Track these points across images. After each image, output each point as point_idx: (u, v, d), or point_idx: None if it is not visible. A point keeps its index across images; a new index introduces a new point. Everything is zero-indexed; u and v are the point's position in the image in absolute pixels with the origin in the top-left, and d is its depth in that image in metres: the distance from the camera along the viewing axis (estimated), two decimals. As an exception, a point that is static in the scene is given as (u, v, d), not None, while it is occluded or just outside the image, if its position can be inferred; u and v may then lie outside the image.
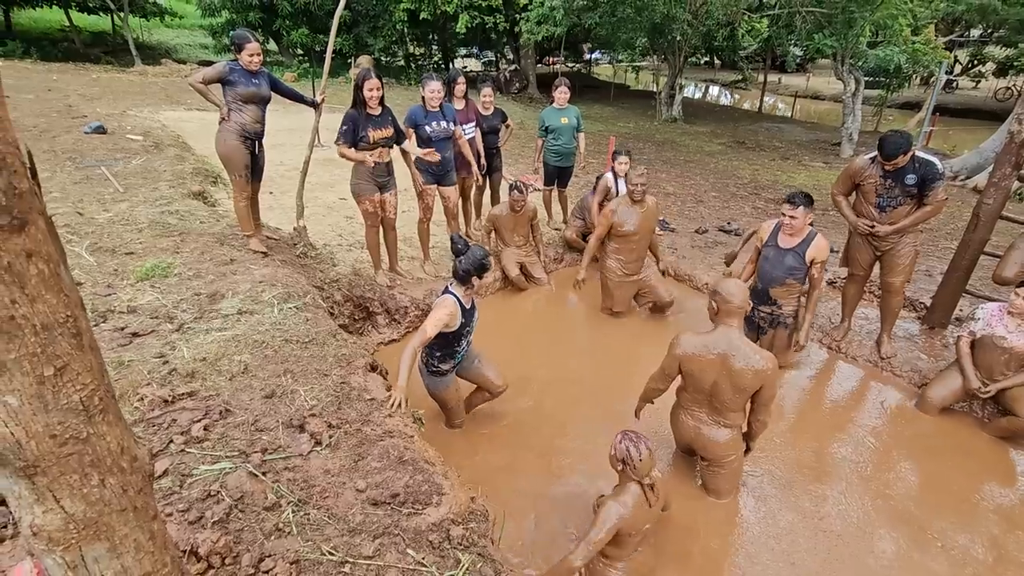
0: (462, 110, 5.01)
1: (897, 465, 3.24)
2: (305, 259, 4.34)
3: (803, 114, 18.29)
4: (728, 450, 2.73)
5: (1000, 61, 19.20)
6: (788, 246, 3.62)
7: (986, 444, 3.42)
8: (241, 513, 1.90)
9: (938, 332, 4.31)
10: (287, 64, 17.15)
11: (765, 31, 11.53)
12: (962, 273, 4.10)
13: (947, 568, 2.59)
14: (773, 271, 3.70)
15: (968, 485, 3.10)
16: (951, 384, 3.55)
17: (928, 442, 3.42)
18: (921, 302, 4.62)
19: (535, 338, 4.39)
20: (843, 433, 3.50)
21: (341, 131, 3.86)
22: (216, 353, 2.73)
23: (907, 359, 4.04)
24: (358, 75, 3.84)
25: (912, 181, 3.46)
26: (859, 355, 4.22)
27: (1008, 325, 3.33)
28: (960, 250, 4.09)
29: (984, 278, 4.48)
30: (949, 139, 13.36)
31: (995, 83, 19.38)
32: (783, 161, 10.58)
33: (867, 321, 4.48)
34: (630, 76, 25.30)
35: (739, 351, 2.52)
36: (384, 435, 2.43)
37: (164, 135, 7.31)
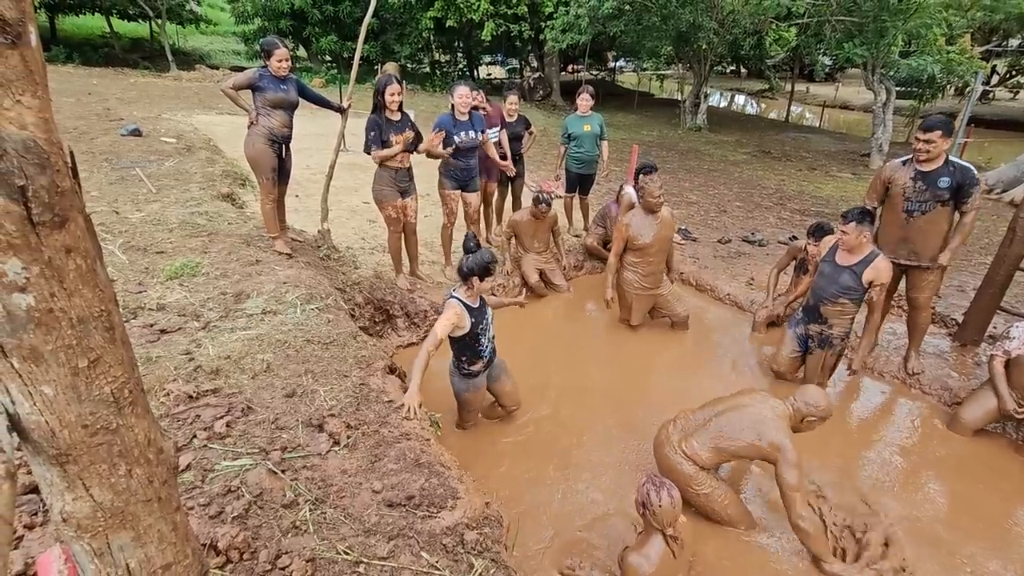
0: (488, 115, 5.05)
1: (926, 486, 3.14)
2: (328, 261, 4.41)
3: (831, 124, 17.97)
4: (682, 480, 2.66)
5: (1040, 72, 18.60)
6: (846, 263, 3.45)
7: (1020, 467, 3.29)
8: (260, 509, 1.94)
9: (970, 350, 4.18)
10: (316, 70, 17.52)
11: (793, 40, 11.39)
12: (996, 289, 3.96)
13: (977, 595, 2.50)
14: (828, 287, 3.54)
15: (1001, 509, 2.98)
16: (985, 404, 3.43)
17: (959, 463, 3.31)
18: (952, 318, 4.48)
19: (554, 346, 4.38)
20: (869, 450, 3.40)
21: (369, 138, 3.91)
22: (240, 351, 2.78)
23: (937, 376, 3.92)
24: (378, 80, 3.91)
25: (946, 184, 3.34)
26: (886, 371, 4.10)
27: (1045, 344, 3.21)
28: (995, 265, 3.95)
29: (1020, 295, 4.33)
30: (984, 151, 12.97)
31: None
32: (810, 171, 10.39)
33: (895, 336, 4.36)
34: (655, 84, 25.20)
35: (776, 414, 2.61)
36: (401, 437, 2.44)
37: (196, 138, 7.52)
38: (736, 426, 2.60)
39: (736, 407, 2.67)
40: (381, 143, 3.93)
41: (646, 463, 3.20)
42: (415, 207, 4.33)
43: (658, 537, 2.17)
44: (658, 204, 4.14)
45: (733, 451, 2.59)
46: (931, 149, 3.32)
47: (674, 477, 2.69)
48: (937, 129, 3.28)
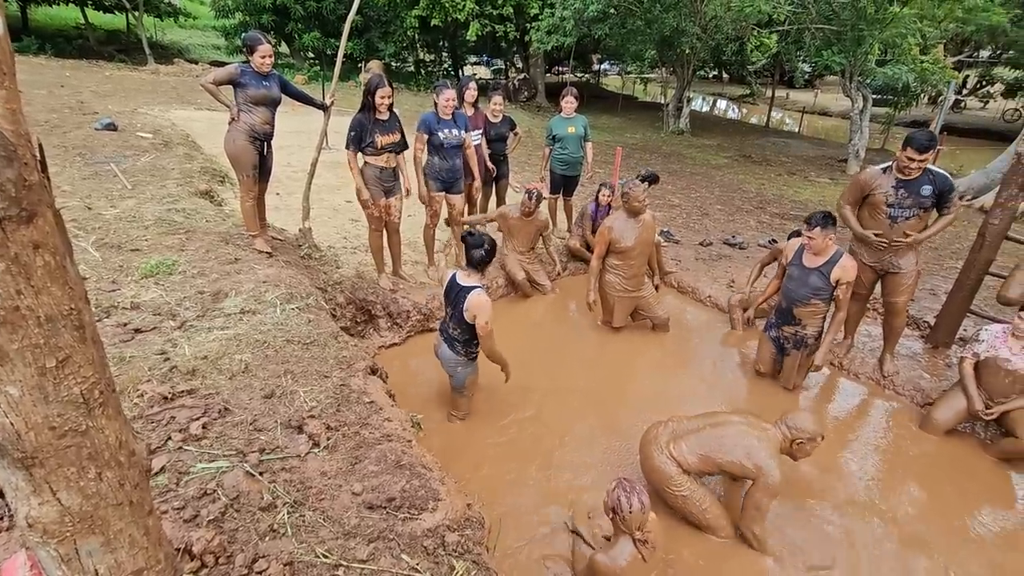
0: (471, 117, 5.04)
1: (900, 485, 3.21)
2: (309, 260, 4.36)
3: (810, 130, 18.31)
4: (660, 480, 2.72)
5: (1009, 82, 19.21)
6: (813, 265, 3.58)
7: (989, 466, 3.39)
8: (236, 512, 1.90)
9: (941, 352, 4.29)
10: (298, 67, 17.31)
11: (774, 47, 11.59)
12: (967, 293, 4.08)
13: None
14: (798, 290, 3.65)
15: (970, 507, 3.07)
16: (956, 405, 3.52)
17: (930, 462, 3.39)
18: (925, 321, 4.59)
19: (537, 347, 4.38)
20: (845, 450, 3.47)
21: (350, 136, 3.92)
22: (217, 351, 2.73)
23: (909, 378, 4.01)
24: (370, 81, 3.87)
25: (928, 192, 3.44)
26: (861, 372, 4.19)
27: (1012, 348, 3.31)
28: (965, 270, 4.07)
29: (989, 298, 4.45)
30: (956, 158, 13.34)
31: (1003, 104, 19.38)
32: (789, 176, 10.58)
33: (870, 339, 4.46)
34: (638, 87, 25.42)
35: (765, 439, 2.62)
36: (382, 438, 2.42)
37: (173, 134, 7.37)
38: (728, 441, 2.62)
39: (731, 423, 2.70)
40: (361, 143, 3.92)
41: (628, 463, 3.22)
42: (399, 207, 4.30)
43: (627, 539, 2.18)
44: (642, 208, 4.18)
45: (720, 463, 2.62)
46: (921, 166, 3.42)
47: (655, 476, 2.72)
48: (933, 150, 3.36)
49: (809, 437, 2.62)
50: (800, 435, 2.61)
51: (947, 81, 11.08)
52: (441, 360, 3.29)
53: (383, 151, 4.00)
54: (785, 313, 3.77)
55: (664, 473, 2.68)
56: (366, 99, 3.87)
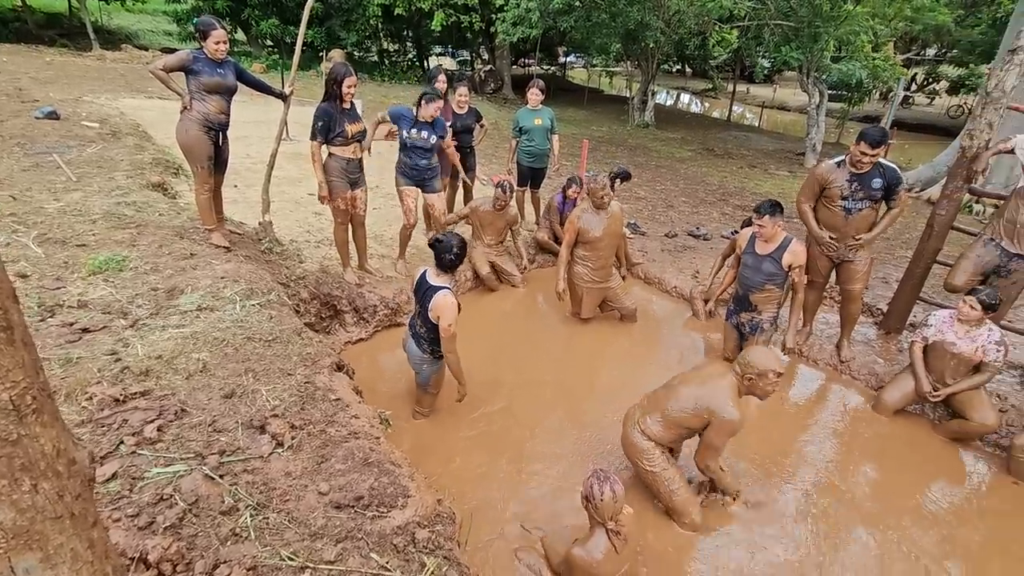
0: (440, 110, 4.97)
1: (856, 465, 3.34)
2: (270, 255, 4.22)
3: (770, 124, 18.82)
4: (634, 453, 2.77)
5: (953, 80, 20.17)
6: (765, 252, 3.70)
7: (938, 445, 3.56)
8: (195, 518, 1.82)
9: (894, 337, 4.48)
10: (256, 55, 16.71)
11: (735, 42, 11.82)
12: (916, 281, 4.26)
13: (904, 564, 2.68)
14: (753, 277, 3.77)
15: (922, 485, 3.22)
16: (904, 387, 3.69)
17: (884, 443, 3.54)
18: (878, 308, 4.78)
19: (506, 340, 4.37)
20: (805, 434, 3.59)
21: (317, 127, 3.77)
22: (173, 351, 2.61)
23: (865, 363, 4.18)
24: (335, 70, 3.75)
25: (879, 185, 3.58)
26: (820, 359, 4.34)
27: (957, 331, 3.47)
28: (915, 259, 4.25)
29: (936, 286, 4.67)
30: (905, 152, 13.94)
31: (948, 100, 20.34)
32: (750, 169, 10.84)
33: (827, 326, 4.61)
34: (604, 81, 25.59)
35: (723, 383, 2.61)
36: (349, 436, 2.36)
37: (122, 123, 7.00)
38: (684, 395, 2.65)
39: (687, 380, 2.72)
40: (330, 133, 3.81)
41: (598, 453, 3.25)
42: (364, 199, 4.21)
43: (602, 531, 2.19)
44: (603, 202, 4.20)
45: (679, 419, 2.63)
46: (873, 160, 3.54)
47: (630, 451, 2.78)
48: (885, 144, 3.50)
49: (759, 372, 2.51)
50: (749, 371, 2.54)
51: (897, 78, 11.54)
52: (408, 355, 3.25)
53: (352, 140, 3.91)
54: (742, 300, 3.88)
55: (637, 447, 2.73)
56: (332, 88, 3.75)
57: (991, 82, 3.75)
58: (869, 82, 12.06)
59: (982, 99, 3.80)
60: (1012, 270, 3.63)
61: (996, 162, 7.01)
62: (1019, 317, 4.76)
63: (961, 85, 19.47)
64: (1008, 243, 3.61)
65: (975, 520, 3.00)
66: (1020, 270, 3.61)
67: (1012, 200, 3.61)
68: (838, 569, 2.63)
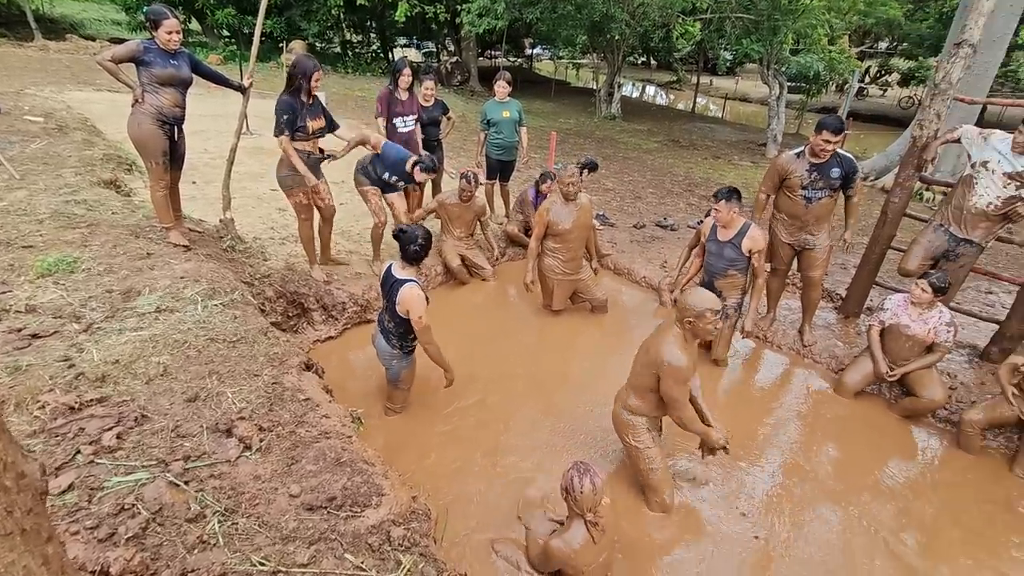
0: (405, 101, 4.90)
1: (818, 445, 3.47)
2: (233, 253, 4.09)
3: (732, 115, 19.20)
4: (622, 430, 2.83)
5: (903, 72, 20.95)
6: (726, 239, 3.79)
7: (894, 423, 3.72)
8: (160, 527, 1.76)
9: (852, 321, 4.65)
10: (212, 46, 16.10)
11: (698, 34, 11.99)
12: (872, 266, 4.43)
13: (864, 538, 2.80)
14: (716, 264, 3.86)
15: (879, 462, 3.36)
16: (863, 369, 3.84)
17: (844, 423, 3.69)
18: (838, 293, 4.96)
19: (478, 334, 4.36)
20: (771, 417, 3.70)
21: (283, 121, 3.64)
22: (131, 355, 2.51)
23: (826, 346, 4.33)
24: (302, 64, 3.64)
25: (837, 174, 3.71)
26: (783, 344, 4.48)
27: (911, 314, 3.63)
28: (870, 245, 4.42)
29: (891, 271, 4.86)
30: (861, 142, 14.44)
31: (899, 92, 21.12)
32: (715, 160, 11.06)
33: (790, 312, 4.76)
34: (571, 73, 25.64)
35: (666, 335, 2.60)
36: (320, 436, 2.33)
37: (69, 117, 6.66)
38: (639, 358, 2.72)
39: (642, 345, 2.77)
40: (294, 128, 3.70)
41: (573, 444, 3.28)
42: (327, 190, 4.13)
43: (581, 522, 2.21)
44: (573, 192, 4.22)
45: (641, 382, 2.68)
46: (835, 148, 3.66)
47: (618, 427, 2.85)
48: (844, 132, 3.62)
49: (697, 314, 2.50)
50: (688, 314, 2.52)
51: (852, 70, 11.92)
52: (377, 351, 3.21)
53: (313, 136, 3.82)
54: (707, 287, 3.96)
55: (622, 422, 2.81)
56: (298, 82, 3.63)
57: (939, 74, 3.91)
58: (826, 74, 12.42)
59: (931, 91, 3.96)
60: (959, 254, 3.81)
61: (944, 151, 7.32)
62: (966, 299, 5.01)
63: (911, 77, 20.24)
64: (956, 228, 3.78)
65: (929, 492, 3.16)
66: (967, 254, 3.79)
67: (959, 188, 3.78)
68: (802, 545, 2.74)
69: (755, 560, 2.64)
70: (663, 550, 2.66)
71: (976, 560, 2.75)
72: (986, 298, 5.23)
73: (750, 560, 2.64)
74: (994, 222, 3.64)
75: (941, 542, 2.83)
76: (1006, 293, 5.11)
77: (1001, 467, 3.37)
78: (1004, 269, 5.33)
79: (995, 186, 3.54)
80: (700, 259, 4.06)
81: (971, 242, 3.74)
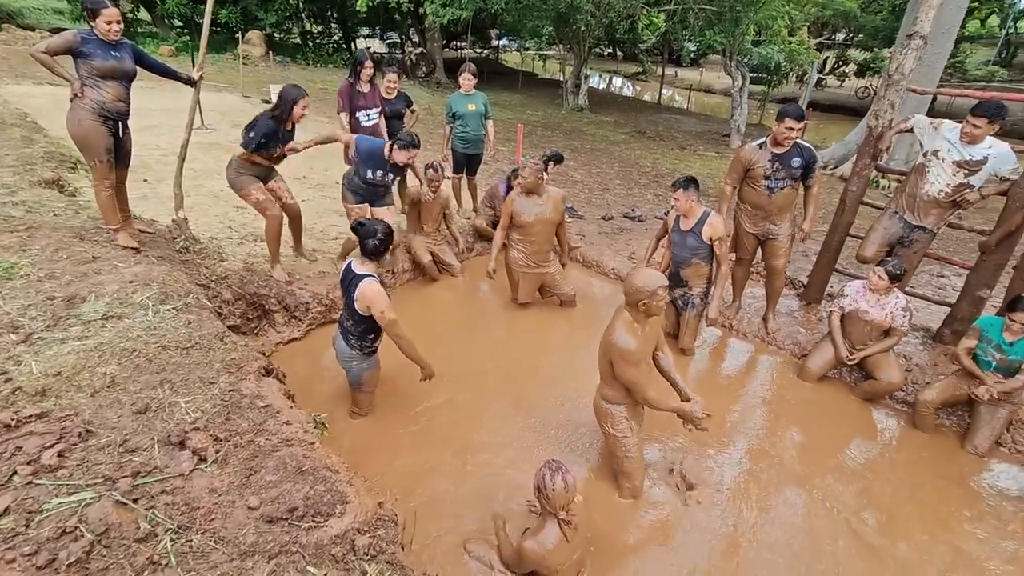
0: (368, 94, 4.77)
1: (783, 430, 3.54)
2: (187, 254, 3.93)
3: (697, 106, 19.47)
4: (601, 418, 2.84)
5: (860, 63, 21.58)
6: (688, 228, 3.82)
7: (854, 406, 3.83)
8: (106, 549, 1.66)
9: (814, 307, 4.77)
10: (163, 37, 15.44)
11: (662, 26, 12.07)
12: (832, 253, 4.55)
13: (826, 520, 2.88)
14: (680, 253, 3.91)
15: (841, 444, 3.46)
16: (825, 355, 3.94)
17: (807, 407, 3.77)
18: (799, 280, 5.07)
19: (447, 331, 4.30)
20: (737, 403, 3.77)
21: (258, 140, 3.64)
22: (74, 366, 2.37)
23: (789, 333, 4.42)
24: (285, 93, 3.62)
25: (798, 164, 3.76)
26: (748, 331, 4.56)
27: (869, 300, 3.73)
28: (830, 233, 4.52)
29: (850, 258, 4.99)
30: (820, 132, 14.83)
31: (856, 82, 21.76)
32: (680, 151, 11.19)
33: (754, 299, 4.85)
34: (537, 64, 25.55)
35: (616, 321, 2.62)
36: (280, 444, 2.24)
37: (6, 112, 6.28)
38: (599, 348, 2.73)
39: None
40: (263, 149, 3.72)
41: (543, 440, 3.26)
42: (285, 187, 4.02)
43: (554, 521, 2.19)
44: (533, 185, 4.18)
45: (605, 371, 2.70)
46: (798, 135, 3.72)
47: (597, 416, 2.86)
48: (804, 120, 3.69)
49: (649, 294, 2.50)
50: (641, 296, 2.52)
51: (811, 61, 12.20)
52: (336, 353, 3.11)
53: (276, 159, 3.89)
54: (674, 276, 4.01)
55: (600, 411, 2.82)
56: (285, 109, 3.63)
57: (892, 65, 4.00)
58: (786, 65, 12.68)
59: (885, 81, 4.06)
60: (913, 240, 3.93)
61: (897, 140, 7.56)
62: (920, 283, 5.19)
63: (867, 68, 20.88)
64: (909, 215, 3.89)
65: (888, 472, 3.26)
66: (920, 240, 3.91)
67: (912, 176, 3.90)
68: (769, 529, 2.79)
69: (724, 547, 2.68)
70: (635, 541, 2.67)
71: (932, 535, 2.85)
72: (938, 282, 5.44)
73: (719, 547, 2.67)
74: (945, 209, 3.77)
75: (899, 519, 2.92)
76: (957, 276, 5.32)
77: (953, 444, 3.51)
78: (954, 254, 5.54)
79: (945, 174, 3.65)
80: (667, 251, 4.09)
81: (924, 228, 3.86)
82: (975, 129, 3.44)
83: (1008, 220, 3.64)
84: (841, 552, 2.71)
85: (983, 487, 3.20)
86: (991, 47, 21.47)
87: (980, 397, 3.32)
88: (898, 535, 2.83)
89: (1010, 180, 3.58)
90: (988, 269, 3.87)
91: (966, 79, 17.76)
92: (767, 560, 2.63)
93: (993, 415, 3.39)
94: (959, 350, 3.48)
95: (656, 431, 3.28)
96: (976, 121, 3.42)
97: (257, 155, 3.74)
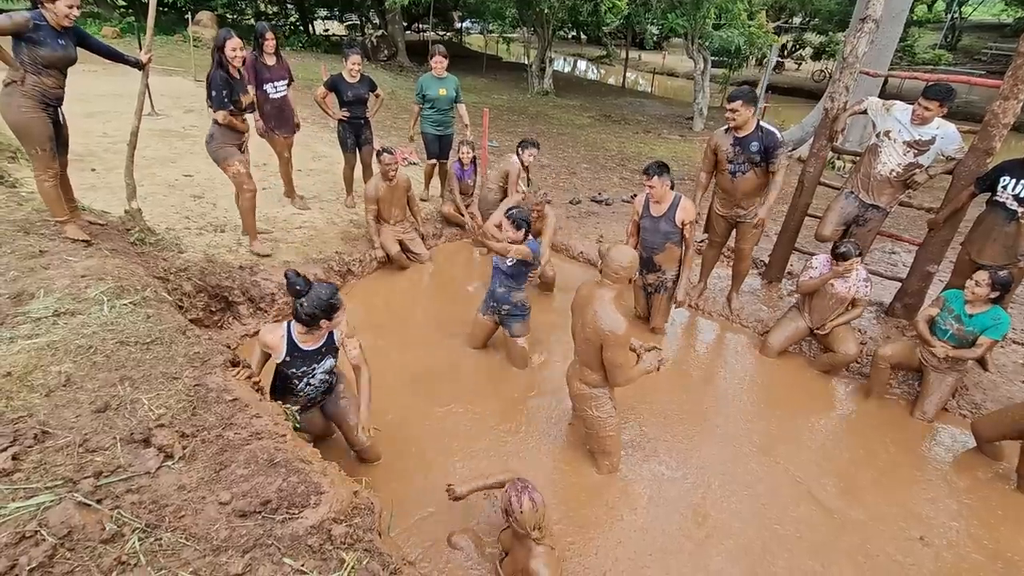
0: (273, 67, 4.66)
1: (748, 403, 3.67)
2: (142, 246, 3.77)
3: (661, 90, 19.66)
4: (584, 403, 2.85)
5: (816, 47, 22.11)
6: (659, 213, 3.83)
7: (814, 378, 3.99)
8: (70, 552, 1.61)
9: (775, 286, 4.92)
10: (106, 17, 14.59)
11: (625, 9, 12.06)
12: (792, 233, 4.69)
13: (789, 488, 3.01)
14: (653, 239, 3.91)
15: (802, 415, 3.61)
16: (786, 331, 4.09)
17: (770, 381, 3.92)
18: (761, 260, 5.22)
19: (417, 321, 4.27)
20: (702, 380, 3.88)
21: (219, 98, 3.72)
22: (25, 365, 2.26)
23: (752, 311, 4.57)
24: (218, 38, 3.72)
25: (756, 148, 3.77)
26: (713, 311, 4.68)
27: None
28: (789, 213, 4.66)
29: (809, 237, 5.17)
30: (779, 114, 15.19)
31: (812, 66, 22.30)
32: (645, 134, 11.29)
33: (719, 280, 4.97)
34: (502, 47, 25.26)
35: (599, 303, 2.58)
36: (251, 438, 2.19)
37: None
38: (579, 333, 2.73)
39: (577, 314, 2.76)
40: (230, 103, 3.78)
41: (517, 423, 3.29)
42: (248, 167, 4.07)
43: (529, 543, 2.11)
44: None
45: (590, 357, 2.69)
46: (736, 117, 3.71)
47: (578, 401, 2.89)
48: (739, 99, 3.67)
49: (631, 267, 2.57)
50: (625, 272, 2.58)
51: (770, 44, 12.43)
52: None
53: (243, 112, 3.89)
54: (647, 262, 4.04)
55: (581, 395, 2.85)
56: (217, 55, 3.71)
57: (846, 48, 4.12)
58: (746, 49, 12.88)
59: (840, 64, 4.17)
60: (868, 219, 4.08)
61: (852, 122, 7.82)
62: (873, 259, 5.42)
63: (823, 51, 21.40)
64: (864, 195, 4.04)
65: (845, 439, 3.43)
66: (874, 219, 4.07)
67: (866, 156, 4.04)
68: (736, 501, 2.90)
69: (692, 520, 2.77)
70: (611, 514, 2.74)
71: (886, 496, 3.02)
72: (890, 258, 5.69)
73: (689, 518, 2.77)
74: (896, 188, 3.92)
75: (856, 484, 3.08)
76: (907, 253, 5.57)
77: (903, 412, 3.70)
78: (904, 231, 5.81)
79: (896, 153, 3.80)
80: (635, 238, 4.07)
81: (878, 207, 4.01)
82: (926, 112, 3.58)
83: (954, 198, 3.82)
84: (803, 517, 2.84)
85: (931, 451, 3.40)
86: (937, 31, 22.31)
87: (935, 355, 3.47)
88: (855, 498, 2.98)
89: (955, 159, 3.75)
90: (936, 245, 4.06)
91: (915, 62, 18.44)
92: (736, 529, 2.74)
93: (941, 382, 3.59)
94: (919, 316, 3.64)
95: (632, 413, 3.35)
96: (928, 104, 3.55)
97: (233, 114, 3.82)
